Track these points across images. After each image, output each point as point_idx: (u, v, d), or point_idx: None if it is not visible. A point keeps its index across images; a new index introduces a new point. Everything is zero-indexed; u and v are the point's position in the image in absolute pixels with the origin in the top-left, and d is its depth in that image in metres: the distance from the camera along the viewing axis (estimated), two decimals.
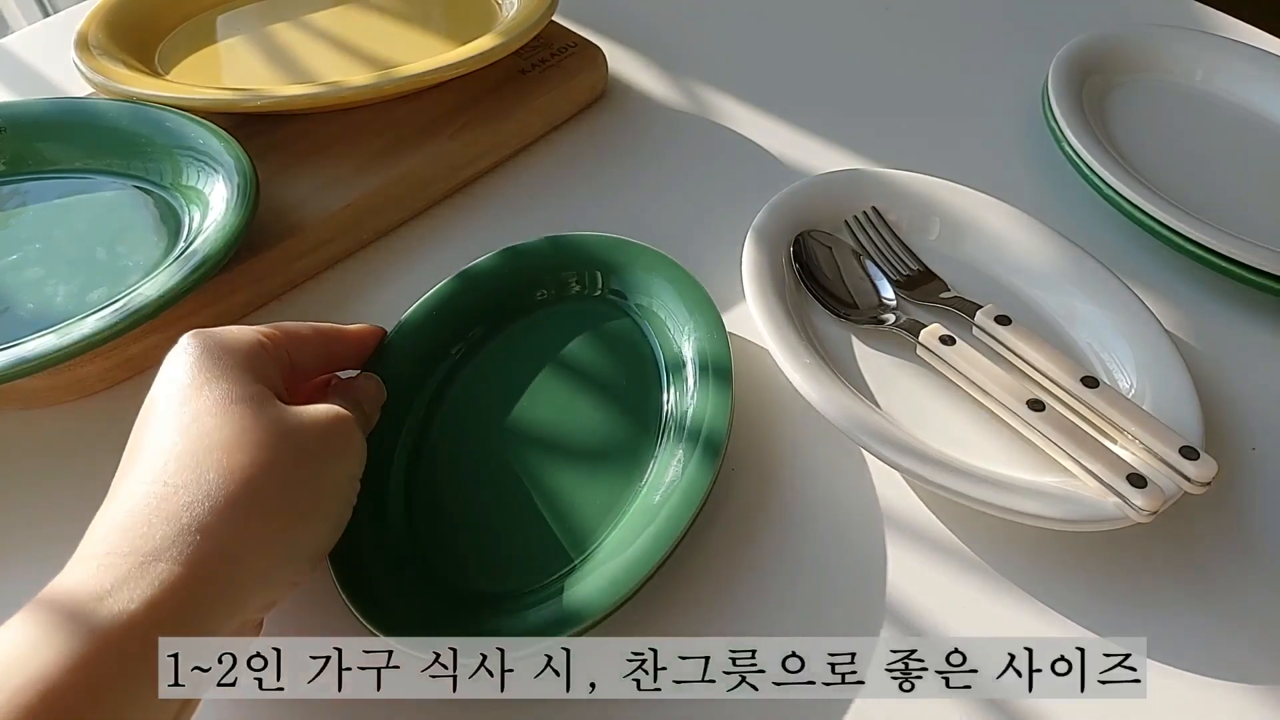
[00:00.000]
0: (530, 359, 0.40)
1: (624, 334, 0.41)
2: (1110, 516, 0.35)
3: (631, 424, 0.38)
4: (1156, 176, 0.49)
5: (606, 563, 0.33)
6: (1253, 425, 0.41)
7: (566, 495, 0.36)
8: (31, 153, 0.45)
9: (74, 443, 0.38)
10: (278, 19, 0.55)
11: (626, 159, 0.52)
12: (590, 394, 0.39)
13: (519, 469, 0.36)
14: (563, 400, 0.39)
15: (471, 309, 0.40)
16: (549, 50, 0.53)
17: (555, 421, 0.38)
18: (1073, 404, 0.38)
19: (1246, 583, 0.37)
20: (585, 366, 0.40)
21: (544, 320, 0.41)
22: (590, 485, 0.36)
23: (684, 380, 0.38)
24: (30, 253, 0.41)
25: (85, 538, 0.27)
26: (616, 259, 0.42)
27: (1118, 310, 0.42)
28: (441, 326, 0.40)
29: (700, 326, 0.39)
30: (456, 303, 0.40)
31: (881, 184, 0.47)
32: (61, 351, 0.35)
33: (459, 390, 0.39)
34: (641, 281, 0.42)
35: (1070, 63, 0.53)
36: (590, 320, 0.41)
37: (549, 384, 0.39)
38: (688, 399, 0.38)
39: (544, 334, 0.41)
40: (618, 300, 0.42)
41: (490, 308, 0.41)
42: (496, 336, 0.40)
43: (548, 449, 0.37)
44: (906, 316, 0.42)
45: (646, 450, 0.37)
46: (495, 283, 0.41)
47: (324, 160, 0.47)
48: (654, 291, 0.41)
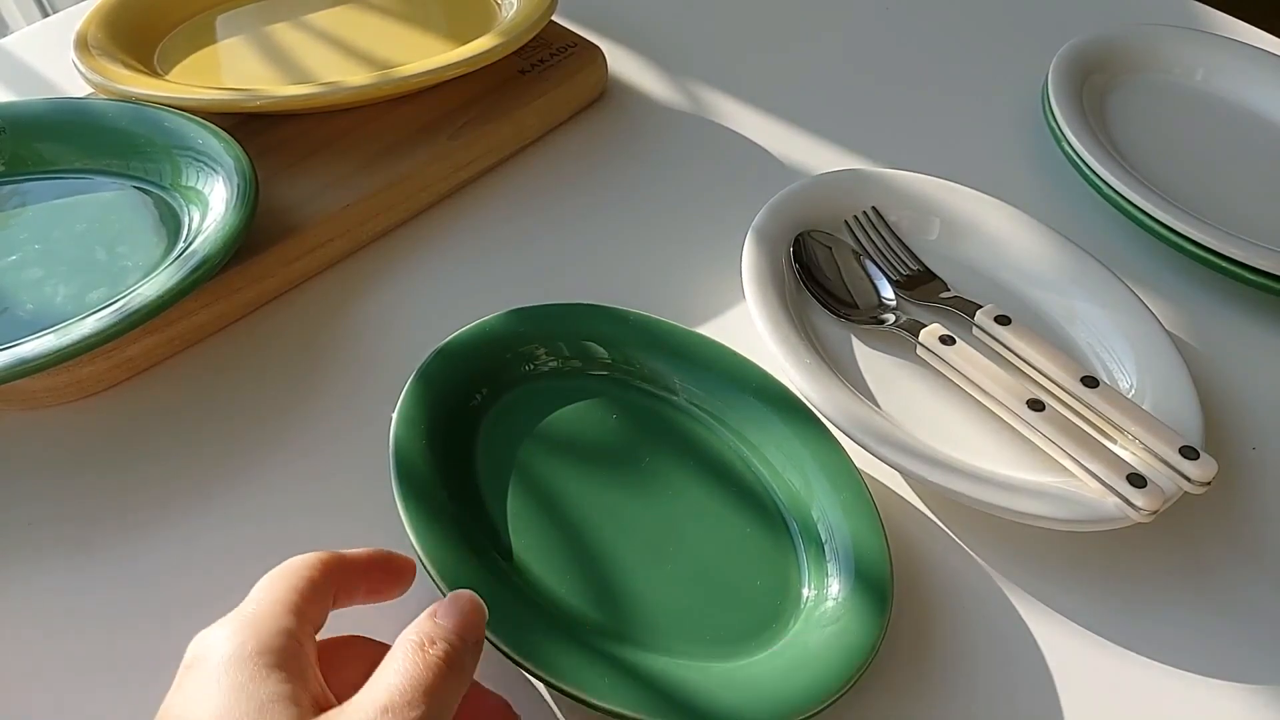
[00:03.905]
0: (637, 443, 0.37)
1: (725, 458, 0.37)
2: (1110, 516, 0.35)
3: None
4: (1156, 176, 0.49)
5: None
6: (1252, 425, 0.41)
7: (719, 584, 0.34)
8: (31, 153, 0.45)
9: (73, 444, 0.38)
10: (277, 19, 0.55)
11: (626, 159, 0.52)
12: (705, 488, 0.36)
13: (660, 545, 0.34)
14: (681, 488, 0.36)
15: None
16: (548, 50, 0.53)
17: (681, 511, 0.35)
18: (1073, 404, 0.38)
19: (1247, 582, 0.37)
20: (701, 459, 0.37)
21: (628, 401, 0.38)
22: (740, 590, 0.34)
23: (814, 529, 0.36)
24: (29, 253, 0.41)
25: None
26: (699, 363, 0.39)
27: (1118, 310, 0.42)
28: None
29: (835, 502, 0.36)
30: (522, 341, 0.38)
31: (881, 184, 0.47)
32: (61, 352, 0.35)
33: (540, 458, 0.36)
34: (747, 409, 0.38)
35: (1070, 62, 0.53)
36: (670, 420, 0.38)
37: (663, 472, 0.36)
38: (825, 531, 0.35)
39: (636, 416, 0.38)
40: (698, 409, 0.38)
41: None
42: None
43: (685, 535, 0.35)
44: (906, 316, 0.42)
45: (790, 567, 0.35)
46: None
47: (324, 161, 0.47)
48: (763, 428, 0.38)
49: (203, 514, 0.36)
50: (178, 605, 0.34)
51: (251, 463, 0.38)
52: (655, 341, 0.39)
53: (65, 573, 0.35)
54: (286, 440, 0.39)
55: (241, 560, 0.35)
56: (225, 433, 0.39)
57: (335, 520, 0.36)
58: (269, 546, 0.36)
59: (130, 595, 0.34)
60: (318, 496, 0.37)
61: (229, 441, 0.39)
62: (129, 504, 0.37)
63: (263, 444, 0.39)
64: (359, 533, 0.33)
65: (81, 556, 0.35)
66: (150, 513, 0.36)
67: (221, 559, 0.35)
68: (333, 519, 0.36)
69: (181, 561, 0.35)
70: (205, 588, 0.35)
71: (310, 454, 0.38)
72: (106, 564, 0.35)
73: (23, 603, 0.34)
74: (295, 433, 0.39)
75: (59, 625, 0.34)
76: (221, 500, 0.37)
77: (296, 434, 0.39)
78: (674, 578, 0.33)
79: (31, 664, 0.33)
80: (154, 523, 0.36)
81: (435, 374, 0.36)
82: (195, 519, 0.36)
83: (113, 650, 0.33)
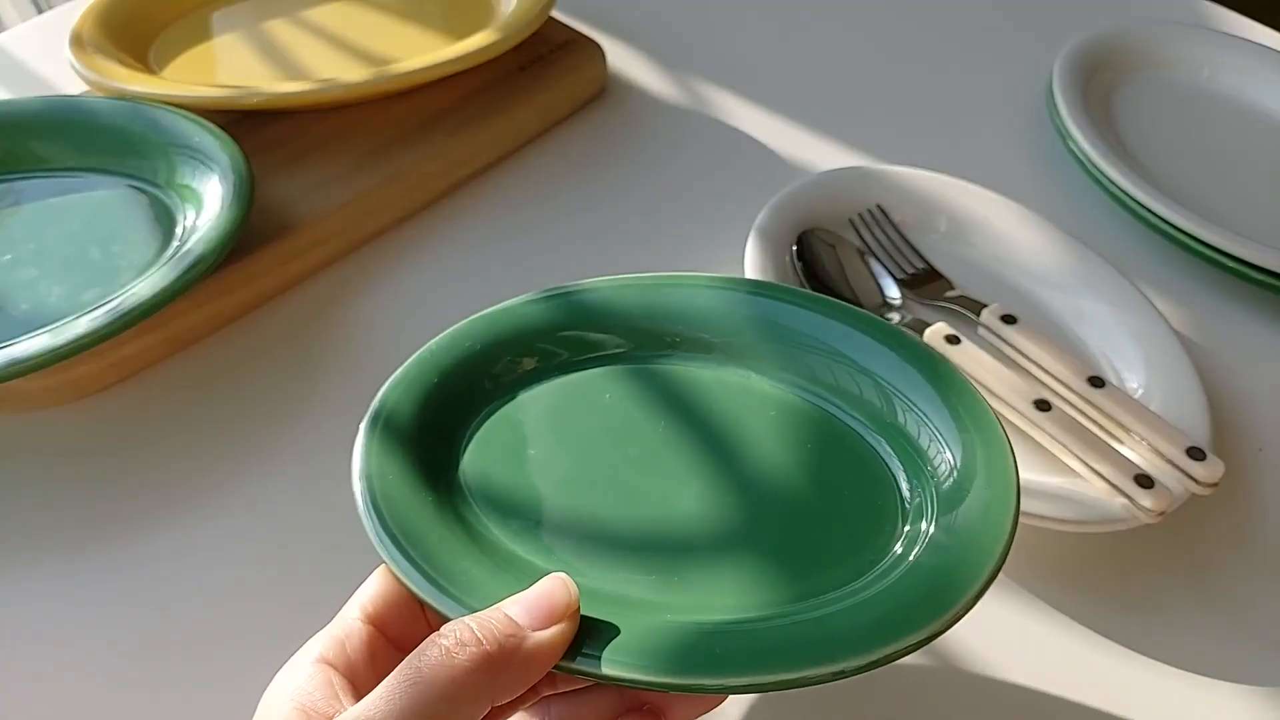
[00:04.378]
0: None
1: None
2: (1117, 517, 0.35)
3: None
4: (1162, 175, 0.48)
5: None
6: (1260, 426, 0.41)
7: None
8: (25, 151, 0.45)
9: (68, 446, 0.38)
10: (273, 16, 0.55)
11: (626, 156, 0.51)
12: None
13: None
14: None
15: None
16: (547, 46, 0.53)
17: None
18: (1079, 404, 0.38)
19: (1254, 584, 0.36)
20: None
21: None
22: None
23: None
24: (23, 252, 0.41)
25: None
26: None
27: (1125, 309, 0.42)
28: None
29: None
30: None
31: (886, 182, 0.46)
32: (55, 352, 0.35)
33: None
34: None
35: (1076, 59, 0.53)
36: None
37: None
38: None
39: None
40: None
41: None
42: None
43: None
44: (911, 315, 0.41)
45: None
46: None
47: (320, 158, 0.46)
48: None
49: (199, 515, 0.36)
50: (174, 605, 0.34)
51: (247, 464, 0.38)
52: (620, 306, 0.35)
53: (60, 574, 0.35)
54: (283, 441, 0.38)
55: (238, 561, 0.35)
56: (220, 434, 0.39)
57: (333, 520, 0.36)
58: (266, 547, 0.36)
59: (126, 596, 0.34)
60: (315, 497, 0.37)
61: (224, 442, 0.38)
62: (124, 506, 0.36)
63: (258, 445, 0.38)
64: (358, 532, 0.32)
65: (77, 558, 0.35)
66: (146, 514, 0.36)
67: (218, 559, 0.35)
68: (330, 519, 0.36)
69: (177, 562, 0.35)
70: (202, 588, 0.34)
71: (307, 454, 0.38)
72: (102, 566, 0.35)
73: (18, 604, 0.34)
74: (291, 433, 0.39)
75: (55, 626, 0.33)
76: (217, 501, 0.37)
77: (293, 434, 0.39)
78: (734, 530, 0.29)
79: (29, 664, 0.32)
80: (150, 524, 0.36)
81: (390, 432, 0.30)
82: (191, 520, 0.36)
83: (109, 651, 0.33)
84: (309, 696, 0.22)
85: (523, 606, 0.23)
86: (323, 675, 0.22)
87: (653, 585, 0.27)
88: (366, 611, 0.24)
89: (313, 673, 0.22)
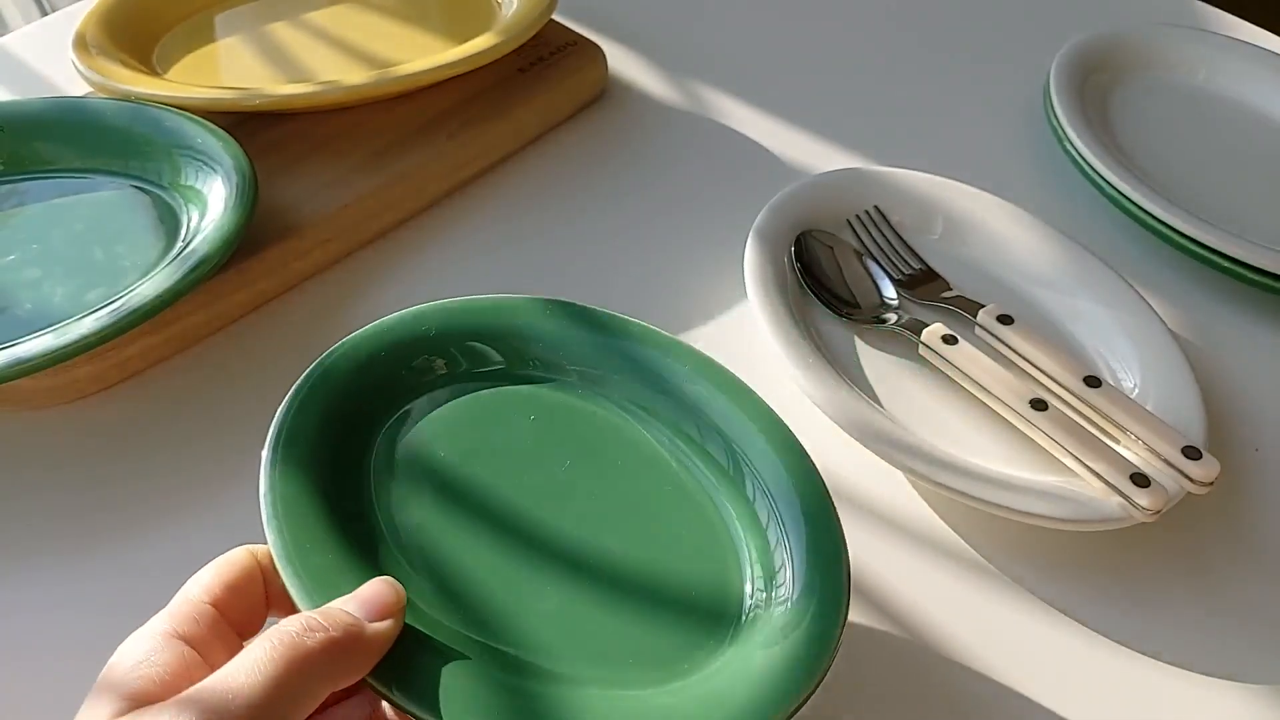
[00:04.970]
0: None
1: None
2: (1113, 516, 0.35)
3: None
4: (1159, 176, 0.49)
5: None
6: (1256, 425, 0.41)
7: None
8: (29, 152, 0.45)
9: (71, 444, 0.38)
10: (276, 18, 0.55)
11: (626, 158, 0.51)
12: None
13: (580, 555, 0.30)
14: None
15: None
16: (548, 49, 0.53)
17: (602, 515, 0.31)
18: (1075, 403, 0.38)
19: (1249, 582, 0.37)
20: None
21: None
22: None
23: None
24: (28, 253, 0.41)
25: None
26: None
27: (1121, 309, 0.42)
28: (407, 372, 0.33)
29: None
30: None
31: (883, 183, 0.47)
32: (59, 351, 0.35)
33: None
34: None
35: (1072, 61, 0.53)
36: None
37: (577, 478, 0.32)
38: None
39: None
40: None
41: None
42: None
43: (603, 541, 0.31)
44: (909, 316, 0.42)
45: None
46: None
47: (323, 160, 0.47)
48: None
49: (200, 515, 0.36)
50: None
51: (249, 464, 0.38)
52: (547, 327, 0.35)
53: (62, 573, 0.35)
54: None
55: None
56: (223, 433, 0.39)
57: None
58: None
59: (128, 596, 0.34)
60: None
61: (227, 442, 0.39)
62: (126, 505, 0.36)
63: (261, 445, 0.39)
64: None
65: (79, 557, 0.35)
66: (148, 513, 0.36)
67: None
68: None
69: (179, 562, 0.35)
70: None
71: None
72: (104, 564, 0.35)
73: (20, 603, 0.34)
74: None
75: (57, 626, 0.33)
76: (219, 501, 0.37)
77: None
78: (588, 593, 0.29)
79: (30, 664, 0.32)
80: (151, 523, 0.36)
81: (314, 403, 0.31)
82: (193, 520, 0.36)
83: (109, 653, 0.33)
84: (168, 667, 0.23)
85: (358, 603, 0.25)
86: (177, 648, 0.24)
87: (490, 634, 0.28)
88: (214, 595, 0.26)
89: (165, 645, 0.24)
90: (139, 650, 0.24)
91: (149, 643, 0.24)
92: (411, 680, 0.25)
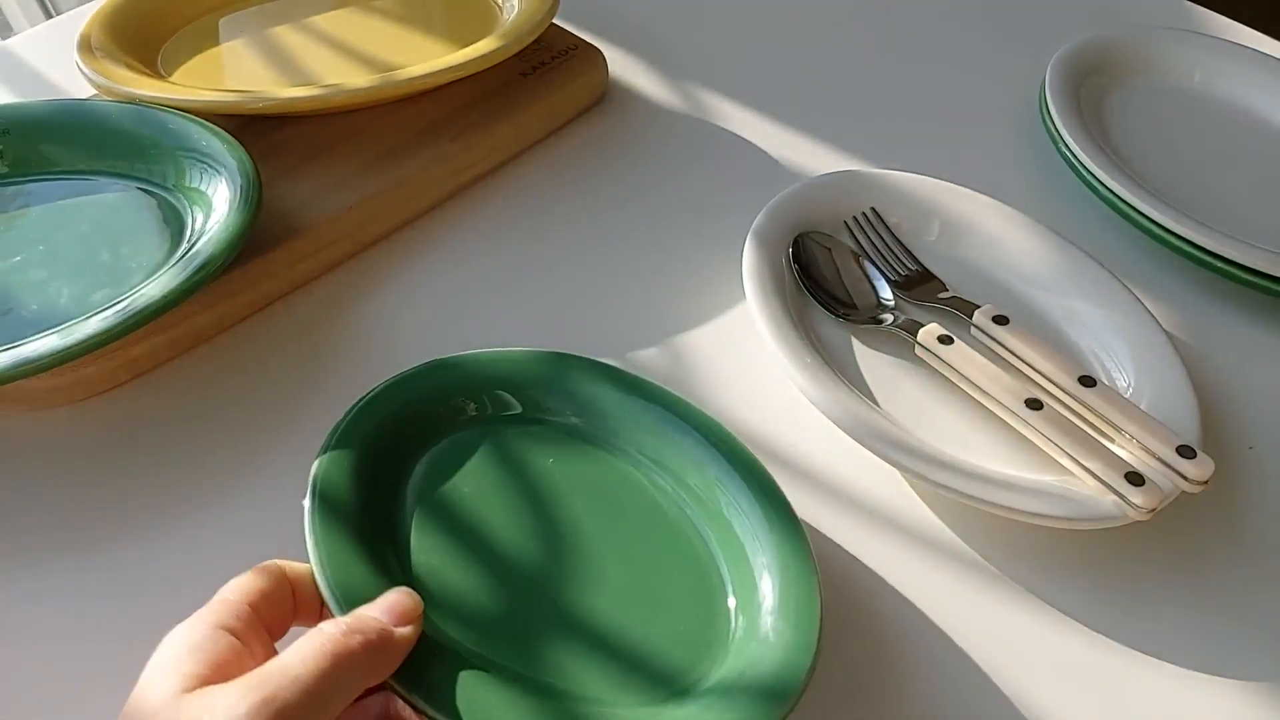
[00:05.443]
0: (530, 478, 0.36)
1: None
2: (1109, 514, 0.35)
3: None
4: (1153, 178, 0.49)
5: None
6: (1250, 424, 0.42)
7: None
8: (35, 155, 0.45)
9: (77, 444, 0.38)
10: (280, 22, 0.55)
11: (627, 161, 0.52)
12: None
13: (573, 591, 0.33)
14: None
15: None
16: (550, 53, 0.53)
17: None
18: (1071, 403, 0.39)
19: (1243, 580, 0.37)
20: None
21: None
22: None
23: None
24: (34, 254, 0.42)
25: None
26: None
27: (1115, 310, 0.42)
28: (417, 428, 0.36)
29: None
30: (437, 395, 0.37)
31: (880, 185, 0.47)
32: (64, 352, 0.35)
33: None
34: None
35: (1068, 64, 0.53)
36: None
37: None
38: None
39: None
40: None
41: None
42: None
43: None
44: (905, 316, 0.42)
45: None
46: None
47: (326, 163, 0.47)
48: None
49: (206, 515, 0.37)
50: (182, 606, 0.34)
51: (254, 464, 0.38)
52: (564, 377, 0.38)
53: (69, 573, 0.35)
54: (289, 441, 0.39)
55: (246, 561, 0.35)
56: (228, 434, 0.39)
57: None
58: (272, 545, 0.36)
59: (134, 596, 0.34)
60: None
61: (232, 442, 0.39)
62: (132, 504, 0.37)
63: (266, 445, 0.39)
64: None
65: (85, 557, 0.35)
66: (154, 513, 0.37)
67: (225, 557, 0.35)
68: None
69: (185, 560, 0.35)
70: (209, 589, 0.35)
71: (313, 455, 0.38)
72: (110, 564, 0.35)
73: (25, 603, 0.34)
74: (298, 434, 0.39)
75: (62, 627, 0.34)
76: (225, 501, 0.37)
77: (299, 435, 0.39)
78: (594, 617, 0.32)
79: (34, 665, 0.33)
80: (157, 523, 0.36)
81: (358, 433, 0.34)
82: (199, 519, 0.36)
83: (116, 652, 0.33)
84: (221, 654, 0.25)
85: (382, 609, 0.27)
86: (227, 638, 0.26)
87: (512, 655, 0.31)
88: (252, 599, 0.28)
89: (216, 635, 0.26)
90: (193, 637, 0.26)
91: (201, 631, 0.26)
92: (431, 684, 0.28)
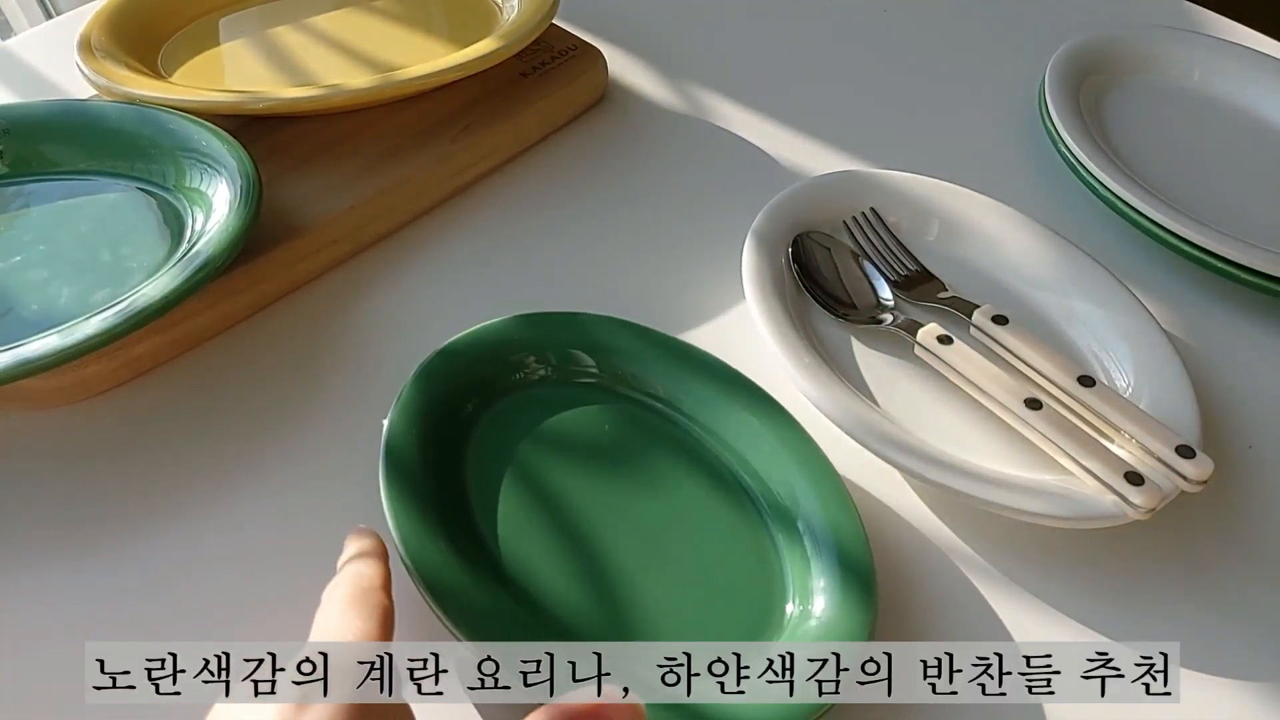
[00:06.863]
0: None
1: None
2: (1108, 514, 0.35)
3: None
4: (1153, 178, 0.49)
5: None
6: (1249, 424, 0.42)
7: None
8: (35, 155, 0.45)
9: (78, 444, 0.38)
10: (280, 22, 0.55)
11: (626, 161, 0.52)
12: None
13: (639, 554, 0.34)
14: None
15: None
16: (550, 53, 0.53)
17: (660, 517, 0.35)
18: (1070, 403, 0.39)
19: (1244, 580, 0.37)
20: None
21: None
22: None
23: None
24: (34, 254, 0.42)
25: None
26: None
27: (1114, 310, 0.42)
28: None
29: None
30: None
31: (879, 185, 0.47)
32: (65, 352, 0.35)
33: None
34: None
35: (1067, 64, 0.54)
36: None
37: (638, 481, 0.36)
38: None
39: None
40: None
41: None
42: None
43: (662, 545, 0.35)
44: (905, 316, 0.42)
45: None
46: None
47: (326, 163, 0.47)
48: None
49: (207, 514, 0.37)
50: (183, 606, 0.34)
51: (255, 463, 0.38)
52: (646, 350, 0.39)
53: (70, 571, 0.35)
54: (290, 441, 0.39)
55: (247, 561, 0.36)
56: (229, 433, 0.39)
57: (339, 522, 0.36)
58: (274, 547, 0.36)
59: (135, 596, 0.35)
60: (322, 498, 0.37)
61: (233, 442, 0.39)
62: (133, 504, 0.37)
63: (266, 445, 0.39)
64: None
65: (86, 557, 0.35)
66: (155, 513, 0.37)
67: (227, 557, 0.36)
68: (337, 520, 0.36)
69: (187, 561, 0.35)
70: (210, 588, 0.35)
71: (314, 455, 0.39)
72: (111, 563, 0.35)
73: (25, 603, 0.34)
74: (299, 433, 0.39)
75: (63, 624, 0.34)
76: (225, 501, 0.37)
77: (300, 435, 0.39)
78: (659, 583, 0.33)
79: (34, 665, 0.33)
80: (158, 523, 0.36)
81: (435, 374, 0.36)
82: (199, 519, 0.37)
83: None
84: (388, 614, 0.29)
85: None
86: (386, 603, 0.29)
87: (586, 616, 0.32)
88: (384, 580, 0.30)
89: (380, 600, 0.29)
90: (372, 600, 0.29)
91: (375, 597, 0.29)
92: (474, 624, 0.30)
